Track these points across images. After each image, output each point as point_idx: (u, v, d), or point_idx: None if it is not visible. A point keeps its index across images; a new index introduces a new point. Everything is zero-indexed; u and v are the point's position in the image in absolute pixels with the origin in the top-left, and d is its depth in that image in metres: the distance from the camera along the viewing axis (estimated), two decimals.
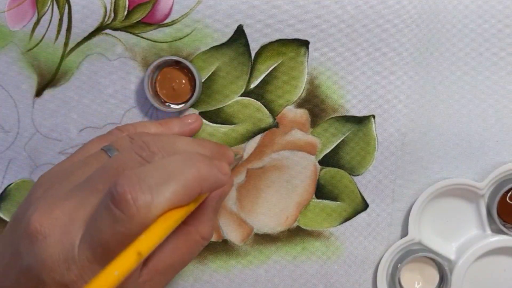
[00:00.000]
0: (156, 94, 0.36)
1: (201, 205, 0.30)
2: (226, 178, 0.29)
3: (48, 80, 0.37)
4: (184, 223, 0.29)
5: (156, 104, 0.35)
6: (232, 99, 0.37)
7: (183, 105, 0.36)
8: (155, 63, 0.35)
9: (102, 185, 0.26)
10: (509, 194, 0.36)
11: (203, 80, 0.36)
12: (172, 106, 0.36)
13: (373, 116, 0.37)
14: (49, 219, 0.26)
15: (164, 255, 0.28)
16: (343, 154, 0.37)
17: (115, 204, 0.24)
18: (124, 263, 0.22)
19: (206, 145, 0.34)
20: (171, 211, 0.25)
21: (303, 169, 0.37)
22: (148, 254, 0.23)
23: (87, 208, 0.26)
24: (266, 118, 0.37)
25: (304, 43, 0.36)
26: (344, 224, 0.38)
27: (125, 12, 0.36)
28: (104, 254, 0.25)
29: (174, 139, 0.32)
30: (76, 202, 0.26)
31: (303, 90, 0.36)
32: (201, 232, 0.30)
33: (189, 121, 0.36)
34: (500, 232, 0.37)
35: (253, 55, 0.36)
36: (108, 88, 0.37)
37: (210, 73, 0.36)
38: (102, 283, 0.21)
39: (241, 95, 0.37)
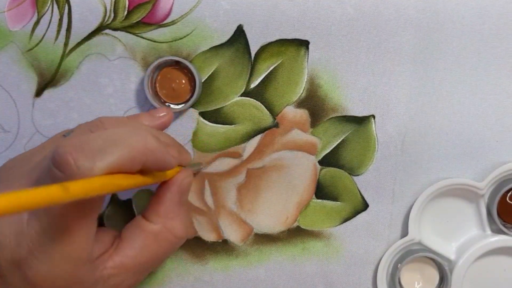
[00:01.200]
0: (156, 94, 0.36)
1: (162, 201, 0.30)
2: (173, 161, 0.29)
3: (48, 80, 0.37)
4: (150, 221, 0.29)
5: (156, 104, 0.35)
6: (232, 99, 0.37)
7: (183, 105, 0.36)
8: (155, 63, 0.35)
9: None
10: (509, 194, 0.36)
11: (203, 80, 0.36)
12: (172, 106, 0.36)
13: (373, 116, 0.37)
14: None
15: (131, 252, 0.28)
16: (343, 154, 0.37)
17: (55, 165, 0.24)
18: (46, 190, 0.20)
19: (167, 136, 0.33)
20: (116, 174, 0.25)
21: (303, 169, 0.37)
22: (75, 196, 0.21)
23: (39, 185, 0.26)
24: (266, 118, 0.37)
25: (304, 43, 0.36)
26: (344, 224, 0.38)
27: (125, 12, 0.36)
28: (49, 223, 0.24)
29: (130, 117, 0.32)
30: (30, 180, 0.26)
31: (303, 90, 0.36)
32: (171, 230, 0.29)
33: (159, 114, 0.34)
34: (500, 232, 0.37)
35: (253, 55, 0.36)
36: (108, 88, 0.37)
37: (210, 73, 0.36)
38: (16, 197, 0.19)
39: (241, 95, 0.37)
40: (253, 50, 0.36)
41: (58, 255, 0.25)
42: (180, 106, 0.36)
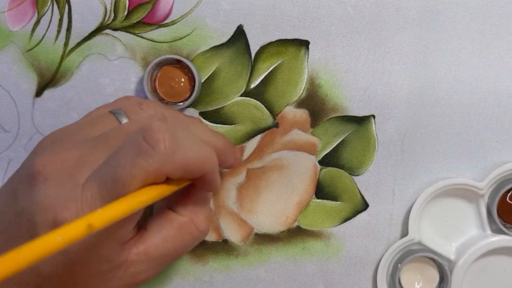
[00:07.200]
0: (155, 92, 0.36)
1: (192, 195, 0.30)
2: (219, 184, 0.30)
3: (48, 80, 0.37)
4: (178, 213, 0.30)
5: (155, 101, 0.35)
6: (232, 99, 0.37)
7: (181, 104, 0.36)
8: (155, 61, 0.35)
9: (115, 142, 0.26)
10: (509, 194, 0.36)
11: (203, 80, 0.36)
12: (170, 104, 0.36)
13: (373, 116, 0.37)
14: (54, 163, 0.26)
15: (156, 241, 0.28)
16: (343, 154, 0.37)
17: (145, 138, 0.25)
18: (71, 230, 0.21)
19: (220, 137, 0.34)
20: (149, 187, 0.25)
21: (303, 169, 0.37)
22: (100, 227, 0.22)
23: (96, 158, 0.26)
24: (266, 118, 0.37)
25: (304, 43, 0.36)
26: (344, 224, 0.38)
27: (125, 12, 0.36)
28: (112, 189, 0.24)
29: (189, 120, 0.32)
30: (85, 151, 0.26)
31: (303, 90, 0.36)
32: (196, 224, 0.30)
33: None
34: (500, 232, 0.37)
35: (253, 55, 0.36)
36: (108, 88, 0.37)
37: (210, 73, 0.36)
38: (42, 245, 0.20)
39: (241, 95, 0.37)
40: (253, 50, 0.36)
41: (104, 233, 0.25)
42: (178, 105, 0.36)
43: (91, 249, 0.25)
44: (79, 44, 0.36)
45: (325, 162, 0.37)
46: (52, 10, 0.36)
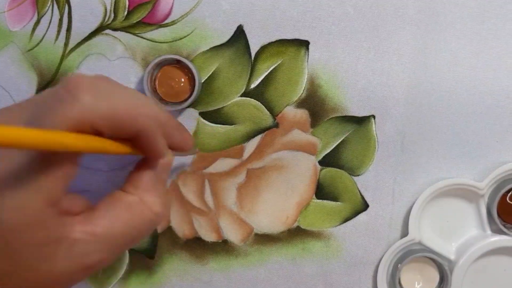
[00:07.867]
0: (154, 92, 0.35)
1: (141, 174, 0.29)
2: (164, 151, 0.29)
3: (48, 80, 0.37)
4: (127, 191, 0.29)
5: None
6: (232, 99, 0.37)
7: (181, 104, 0.35)
8: (155, 61, 0.35)
9: (41, 100, 0.26)
10: (509, 194, 0.36)
11: (203, 80, 0.36)
12: (170, 104, 0.36)
13: (373, 116, 0.37)
14: None
15: (104, 222, 0.27)
16: (343, 154, 0.37)
17: (63, 86, 0.24)
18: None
19: (166, 111, 0.32)
20: (76, 134, 0.24)
21: (303, 169, 0.37)
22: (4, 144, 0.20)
23: (23, 116, 0.25)
24: (266, 118, 0.37)
25: (304, 43, 0.36)
26: (344, 224, 0.38)
27: (125, 12, 0.36)
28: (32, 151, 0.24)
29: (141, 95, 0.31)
30: (15, 114, 0.26)
31: (303, 90, 0.36)
32: (148, 203, 0.28)
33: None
34: (500, 232, 0.37)
35: (253, 55, 0.36)
36: None
37: (210, 73, 0.36)
38: None
39: (241, 95, 0.37)
40: (253, 50, 0.36)
41: (31, 188, 0.24)
42: (178, 105, 0.36)
43: (16, 205, 0.24)
44: (79, 44, 0.36)
45: (325, 162, 0.37)
46: (52, 10, 0.36)
